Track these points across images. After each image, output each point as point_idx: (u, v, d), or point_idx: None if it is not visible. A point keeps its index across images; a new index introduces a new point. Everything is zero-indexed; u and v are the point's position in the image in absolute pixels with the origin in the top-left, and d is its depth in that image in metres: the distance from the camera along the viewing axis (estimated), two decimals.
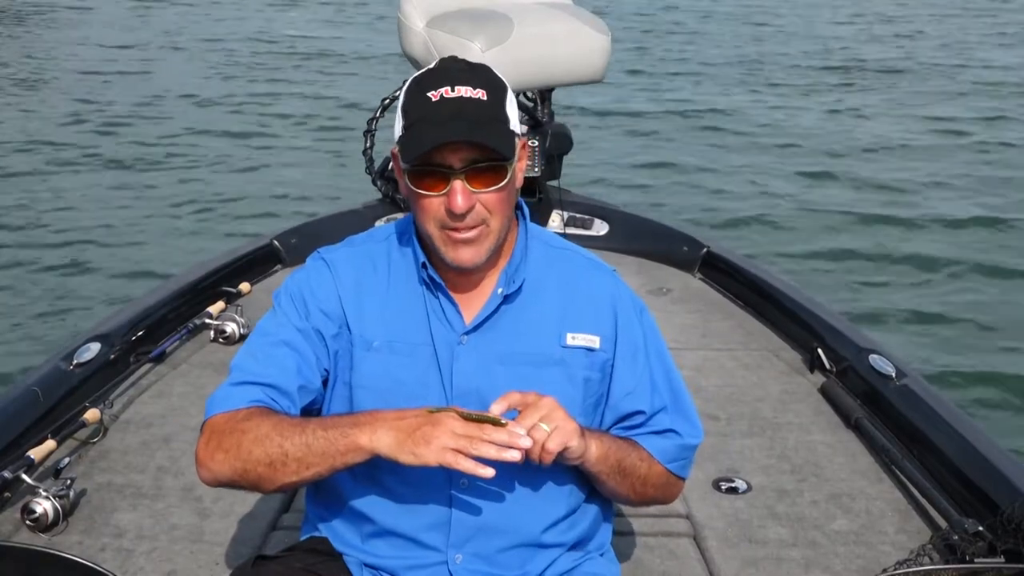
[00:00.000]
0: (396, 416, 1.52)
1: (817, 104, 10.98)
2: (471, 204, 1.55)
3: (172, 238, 6.76)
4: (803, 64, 13.11)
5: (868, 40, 14.94)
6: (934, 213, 7.53)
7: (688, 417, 1.77)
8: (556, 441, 1.51)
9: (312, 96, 10.91)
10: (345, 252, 1.75)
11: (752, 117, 10.31)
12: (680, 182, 8.23)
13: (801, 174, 8.48)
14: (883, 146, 9.41)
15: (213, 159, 8.61)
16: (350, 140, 8.00)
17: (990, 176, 8.43)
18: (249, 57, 12.99)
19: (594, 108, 10.23)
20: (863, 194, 7.97)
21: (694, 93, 11.35)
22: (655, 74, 12.29)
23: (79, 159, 8.44)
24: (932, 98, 11.33)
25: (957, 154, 9.13)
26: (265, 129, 9.62)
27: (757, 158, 8.94)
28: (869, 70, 12.91)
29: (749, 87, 11.73)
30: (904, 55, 13.78)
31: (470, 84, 1.56)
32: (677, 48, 13.94)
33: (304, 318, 1.68)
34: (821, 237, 7.02)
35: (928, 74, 12.59)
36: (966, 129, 9.93)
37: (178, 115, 9.97)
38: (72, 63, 12.44)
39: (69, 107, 10.15)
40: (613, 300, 1.73)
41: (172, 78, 11.55)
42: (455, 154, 1.53)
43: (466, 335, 1.66)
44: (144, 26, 15.18)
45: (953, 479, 2.52)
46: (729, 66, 12.85)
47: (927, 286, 6.24)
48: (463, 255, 1.60)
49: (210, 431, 1.60)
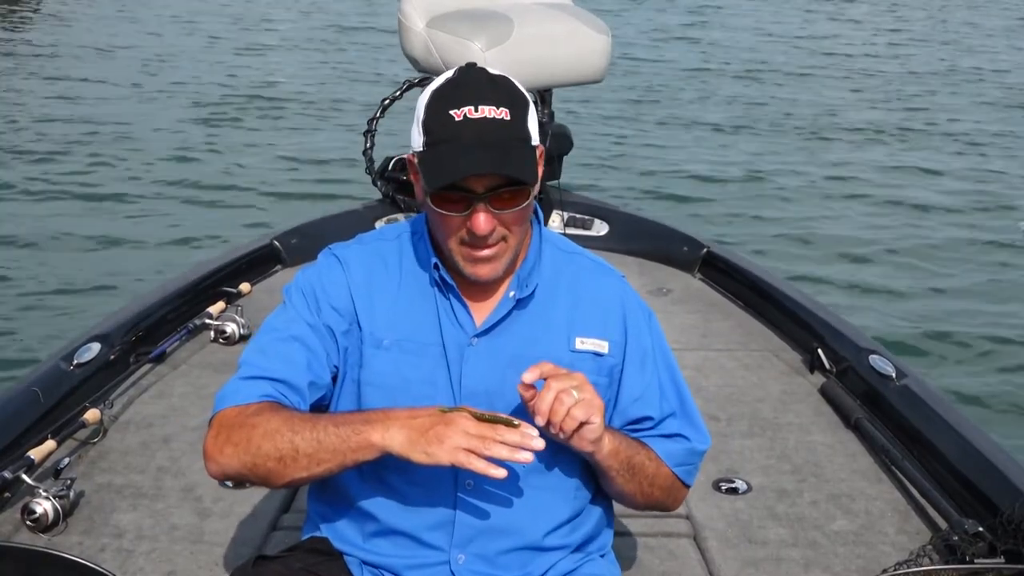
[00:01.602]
0: (408, 415, 1.52)
1: (817, 102, 10.98)
2: (493, 227, 1.56)
3: (172, 238, 6.75)
4: (804, 61, 13.11)
5: (868, 34, 14.94)
6: (934, 213, 7.53)
7: (695, 424, 1.77)
8: (583, 410, 1.51)
9: (312, 95, 10.90)
10: (357, 249, 1.75)
11: (752, 116, 10.32)
12: (680, 182, 8.22)
13: (802, 174, 8.48)
14: (883, 145, 9.41)
15: (213, 158, 8.61)
16: (350, 140, 8.00)
17: (990, 177, 8.44)
18: (249, 56, 12.99)
19: (594, 107, 10.23)
20: (863, 194, 7.98)
21: (694, 91, 11.35)
22: (655, 72, 12.28)
23: (79, 158, 8.43)
24: (933, 96, 11.34)
25: (956, 154, 9.13)
26: (265, 128, 9.61)
27: (757, 158, 8.93)
28: (869, 65, 12.92)
29: (748, 85, 11.73)
30: (899, 55, 13.79)
31: (493, 103, 1.54)
32: (677, 47, 13.94)
33: (315, 313, 1.67)
34: (822, 237, 7.02)
35: (941, 72, 12.59)
36: (967, 129, 9.93)
37: (178, 113, 9.96)
38: (74, 53, 12.43)
39: (69, 106, 10.14)
40: (622, 305, 1.74)
41: (172, 77, 11.54)
42: (479, 180, 1.53)
43: (476, 337, 1.66)
44: (147, 17, 15.17)
45: (953, 479, 2.52)
46: (729, 64, 12.85)
47: (927, 285, 6.24)
48: (481, 271, 1.62)
49: (219, 425, 1.60)
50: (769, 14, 16.66)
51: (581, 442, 1.56)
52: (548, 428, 1.52)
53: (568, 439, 1.55)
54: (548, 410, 1.50)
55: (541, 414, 1.50)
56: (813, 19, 16.50)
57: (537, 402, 1.51)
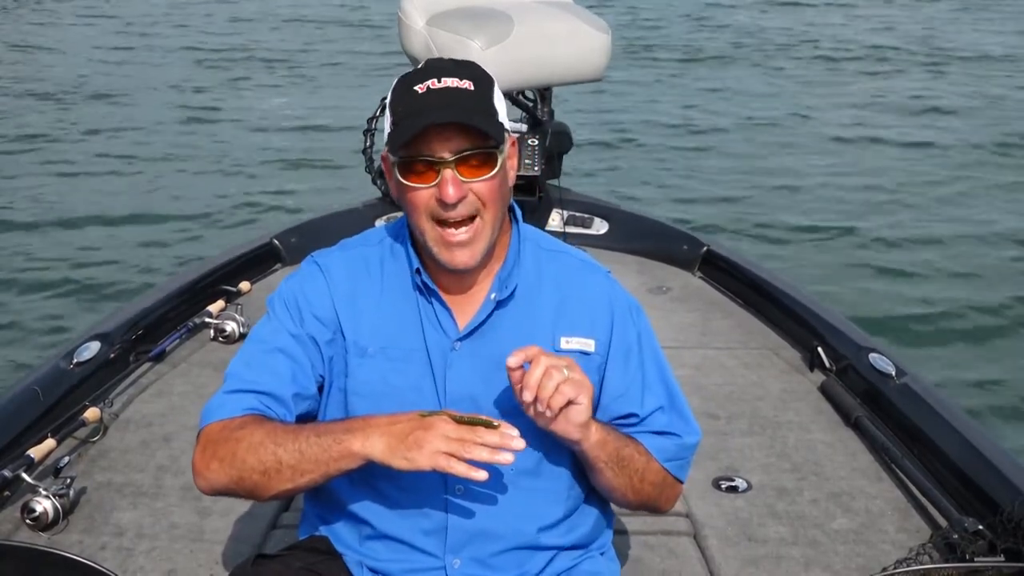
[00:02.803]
0: (388, 421, 1.52)
1: (817, 99, 10.97)
2: (463, 194, 1.55)
3: (172, 237, 6.75)
4: (807, 56, 13.10)
5: (872, 30, 14.92)
6: (935, 212, 7.53)
7: (684, 416, 1.75)
8: (572, 387, 1.49)
9: (311, 96, 10.90)
10: (339, 256, 1.74)
11: (753, 115, 10.31)
12: (680, 182, 8.22)
13: (802, 174, 8.48)
14: (885, 144, 9.41)
15: (212, 157, 8.61)
16: (350, 140, 7.99)
17: (992, 175, 8.43)
18: (248, 54, 12.98)
19: (594, 107, 10.22)
20: (864, 192, 7.97)
21: (694, 91, 11.34)
22: (654, 71, 12.28)
23: (78, 157, 8.44)
24: (935, 94, 11.32)
25: (958, 152, 9.12)
26: (265, 128, 9.61)
27: (758, 157, 8.93)
28: (871, 59, 12.90)
29: (748, 82, 11.72)
30: (902, 41, 13.76)
31: (456, 76, 1.56)
32: (677, 42, 13.93)
33: (299, 324, 1.67)
34: (822, 237, 7.01)
35: (942, 63, 12.56)
36: (968, 127, 9.93)
37: (177, 112, 9.96)
38: (69, 54, 12.43)
39: (68, 104, 10.14)
40: (608, 302, 1.72)
41: (171, 75, 11.54)
42: (444, 144, 1.53)
43: (459, 341, 1.65)
44: (148, 14, 15.16)
45: (953, 478, 2.52)
46: (728, 60, 12.84)
47: (928, 286, 6.23)
48: (458, 257, 1.59)
49: (205, 440, 1.60)
50: None
51: (568, 426, 1.53)
52: (535, 405, 1.49)
53: (554, 421, 1.52)
54: (536, 384, 1.47)
55: (529, 388, 1.47)
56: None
57: (527, 376, 1.48)
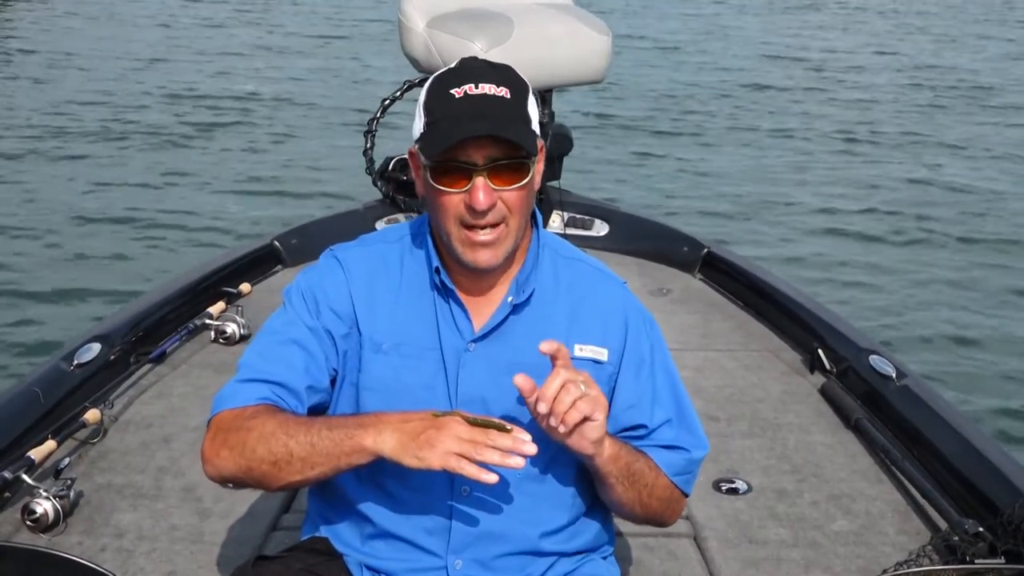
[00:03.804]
0: (401, 419, 1.52)
1: (818, 99, 10.98)
2: (493, 201, 1.55)
3: (172, 238, 6.75)
4: (807, 58, 13.11)
5: (869, 35, 14.94)
6: (936, 211, 7.53)
7: (693, 431, 1.75)
8: (588, 404, 1.48)
9: (312, 95, 10.90)
10: (358, 251, 1.74)
11: (752, 114, 10.32)
12: (680, 181, 8.22)
13: (803, 172, 8.48)
14: (884, 142, 9.41)
15: (212, 157, 8.61)
16: (350, 140, 8.00)
17: (992, 175, 8.44)
18: (248, 53, 12.99)
19: (594, 108, 10.23)
20: (864, 192, 7.98)
21: (694, 90, 11.35)
22: (654, 71, 12.28)
23: (78, 157, 8.44)
24: (938, 93, 11.33)
25: (957, 152, 9.13)
26: (265, 128, 9.61)
27: (757, 157, 8.93)
28: (872, 64, 12.92)
29: (747, 82, 11.73)
30: (890, 51, 13.79)
31: (493, 82, 1.56)
32: (678, 46, 13.94)
33: (315, 317, 1.67)
34: (822, 237, 7.02)
35: (934, 74, 12.59)
36: (969, 127, 9.93)
37: (177, 113, 9.96)
38: (70, 53, 12.42)
39: (68, 105, 10.14)
40: (623, 313, 1.72)
41: (171, 74, 11.54)
42: (478, 151, 1.53)
43: (474, 342, 1.65)
44: (148, 18, 15.16)
45: (953, 480, 2.52)
46: (728, 60, 12.86)
47: (928, 287, 6.24)
48: (481, 257, 1.59)
49: (216, 428, 1.61)
50: None
51: (581, 441, 1.53)
52: (550, 419, 1.48)
53: (568, 435, 1.51)
54: (552, 397, 1.46)
55: (545, 400, 1.47)
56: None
57: (543, 389, 1.47)
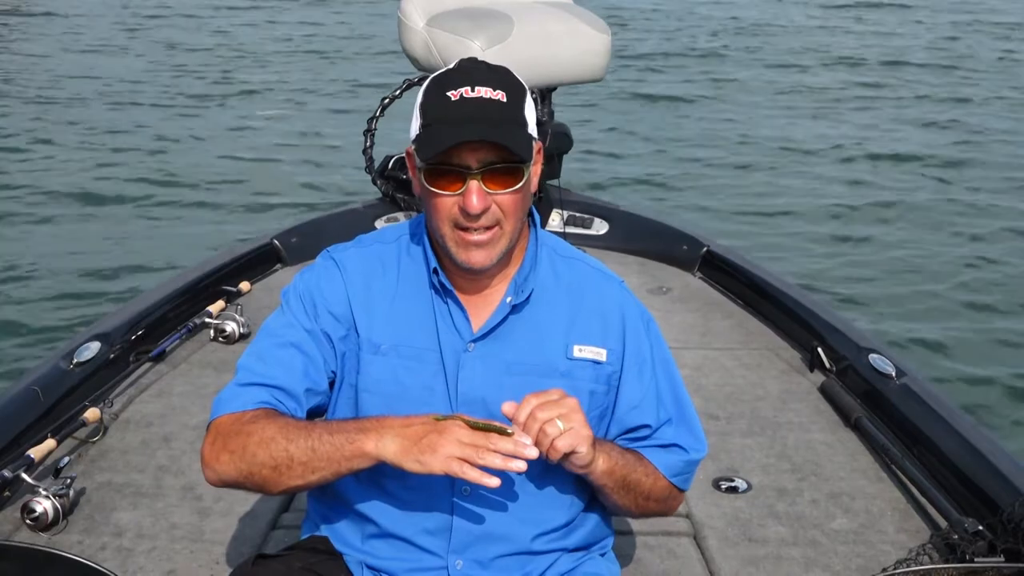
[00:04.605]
0: (402, 423, 1.52)
1: (819, 101, 10.98)
2: (486, 205, 1.55)
3: (172, 237, 6.75)
4: (805, 61, 13.10)
5: (867, 36, 14.93)
6: (936, 211, 7.53)
7: (693, 431, 1.76)
8: (566, 441, 1.50)
9: (312, 95, 10.90)
10: (355, 252, 1.74)
11: (753, 113, 10.32)
12: (680, 181, 8.22)
13: (802, 173, 8.48)
14: (885, 141, 9.41)
15: (213, 158, 8.61)
16: (350, 139, 8.00)
17: (993, 174, 8.44)
18: (247, 53, 12.99)
19: (594, 107, 10.23)
20: (865, 192, 7.97)
21: (695, 90, 11.35)
22: (653, 70, 12.28)
23: (77, 157, 8.44)
24: (939, 95, 11.33)
25: (958, 151, 9.13)
26: (264, 128, 9.61)
27: (759, 157, 8.93)
28: (872, 64, 12.90)
29: (748, 83, 11.73)
30: (903, 49, 13.77)
31: (490, 85, 1.55)
32: (678, 44, 13.93)
33: (312, 319, 1.67)
34: (822, 237, 7.02)
35: (938, 71, 12.56)
36: (973, 128, 9.93)
37: (178, 113, 9.97)
38: (71, 60, 12.43)
39: (67, 104, 10.14)
40: (622, 313, 1.72)
41: (171, 75, 11.54)
42: (473, 154, 1.53)
43: (473, 343, 1.65)
44: (144, 24, 15.16)
45: (953, 478, 2.53)
46: (726, 61, 12.85)
47: (928, 287, 6.24)
48: (475, 257, 1.59)
49: (216, 432, 1.60)
50: None
51: (571, 466, 1.57)
52: None
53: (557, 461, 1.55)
54: (533, 436, 1.49)
55: (529, 435, 1.50)
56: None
57: (524, 427, 1.50)
